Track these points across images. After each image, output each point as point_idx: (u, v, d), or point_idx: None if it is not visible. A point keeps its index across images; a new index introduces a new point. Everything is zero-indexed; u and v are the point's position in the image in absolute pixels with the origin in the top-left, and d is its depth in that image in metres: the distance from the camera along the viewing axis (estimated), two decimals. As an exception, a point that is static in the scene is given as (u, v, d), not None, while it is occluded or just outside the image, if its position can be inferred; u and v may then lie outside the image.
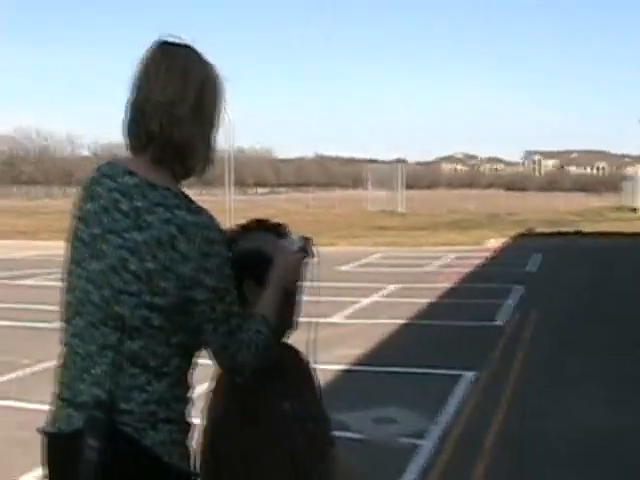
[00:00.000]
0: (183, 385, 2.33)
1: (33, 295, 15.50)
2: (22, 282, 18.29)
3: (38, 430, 2.33)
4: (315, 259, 2.51)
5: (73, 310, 2.31)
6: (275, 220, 2.62)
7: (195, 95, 2.27)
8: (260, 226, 2.56)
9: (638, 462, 6.51)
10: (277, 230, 2.57)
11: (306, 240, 2.49)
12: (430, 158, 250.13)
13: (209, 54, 2.38)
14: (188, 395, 2.36)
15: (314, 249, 2.52)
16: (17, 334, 11.80)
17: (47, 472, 2.32)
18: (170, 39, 2.33)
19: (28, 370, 9.25)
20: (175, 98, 2.25)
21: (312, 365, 2.70)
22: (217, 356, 2.31)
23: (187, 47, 2.33)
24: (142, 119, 2.27)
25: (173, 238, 2.18)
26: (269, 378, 2.46)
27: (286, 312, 2.47)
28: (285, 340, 2.57)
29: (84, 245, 2.27)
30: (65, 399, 2.28)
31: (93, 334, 2.24)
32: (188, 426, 2.36)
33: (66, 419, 2.25)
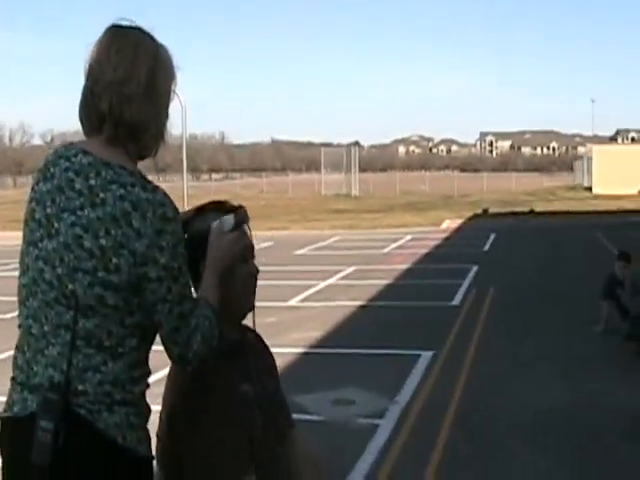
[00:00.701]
0: (140, 367, 2.30)
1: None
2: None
3: None
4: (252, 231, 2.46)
5: (27, 291, 2.29)
6: (233, 202, 2.59)
7: (146, 74, 2.28)
8: (218, 208, 2.52)
9: (586, 432, 6.64)
10: (236, 212, 2.54)
11: (237, 214, 2.43)
12: (386, 141, 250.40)
13: (162, 37, 2.38)
14: (146, 378, 2.34)
15: (247, 218, 2.46)
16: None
17: (2, 457, 2.30)
18: (122, 23, 2.34)
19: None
20: (125, 77, 2.25)
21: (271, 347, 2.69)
22: (168, 341, 2.27)
23: (138, 29, 2.34)
24: (92, 100, 2.28)
25: (127, 215, 2.18)
26: (229, 360, 2.44)
27: (230, 291, 2.44)
28: (245, 322, 2.55)
29: (39, 226, 2.26)
30: (20, 382, 2.26)
31: (47, 314, 2.23)
32: (147, 410, 2.34)
33: (21, 403, 2.23)
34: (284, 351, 8.51)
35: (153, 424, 2.36)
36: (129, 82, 2.26)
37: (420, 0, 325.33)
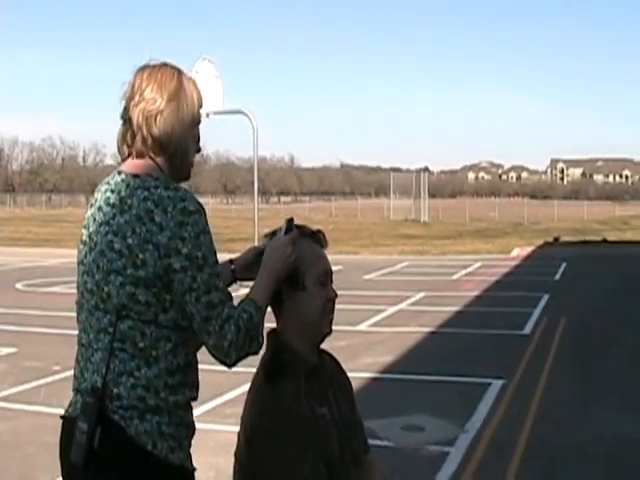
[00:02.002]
0: (178, 374, 2.39)
1: (63, 302, 15.59)
2: (51, 289, 18.43)
3: (60, 416, 2.49)
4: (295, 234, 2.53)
5: (79, 307, 2.50)
6: (313, 227, 2.65)
7: (169, 94, 2.49)
8: (298, 232, 2.58)
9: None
10: (314, 237, 2.59)
11: (287, 222, 2.54)
12: (456, 167, 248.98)
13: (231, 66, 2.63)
14: (185, 388, 2.42)
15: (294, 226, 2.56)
16: (49, 340, 11.89)
17: (59, 452, 2.48)
18: (149, 62, 2.58)
19: (58, 376, 9.32)
20: (150, 99, 2.48)
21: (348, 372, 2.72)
22: (201, 332, 2.36)
23: (163, 64, 2.57)
24: (126, 123, 2.51)
25: (150, 212, 2.33)
26: (308, 382, 2.48)
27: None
28: (322, 346, 2.59)
29: (84, 245, 2.48)
30: (75, 388, 2.46)
31: (91, 322, 2.41)
32: (189, 424, 2.45)
33: (74, 405, 2.43)
34: (354, 375, 8.41)
35: (218, 443, 2.41)
36: (154, 101, 2.46)
37: (487, 25, 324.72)
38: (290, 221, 2.54)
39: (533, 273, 21.48)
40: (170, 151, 2.49)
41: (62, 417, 2.47)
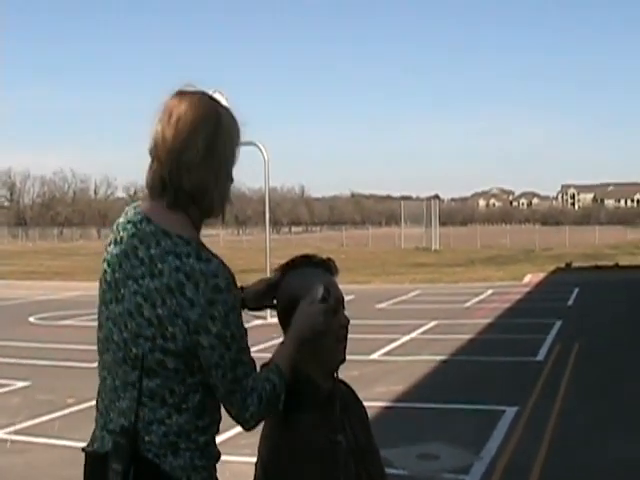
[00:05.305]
0: (207, 415, 2.39)
1: (76, 335, 15.65)
2: (64, 322, 18.49)
3: (82, 449, 2.47)
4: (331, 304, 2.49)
5: (102, 346, 2.46)
6: (323, 255, 2.67)
7: (205, 141, 2.36)
8: (308, 262, 2.61)
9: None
10: (325, 265, 2.61)
11: (326, 289, 2.48)
12: (466, 194, 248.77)
13: (238, 95, 2.45)
14: (213, 426, 2.42)
15: (332, 296, 2.50)
16: (62, 373, 11.94)
17: None
18: (186, 88, 2.43)
19: (72, 409, 9.35)
20: (184, 145, 2.34)
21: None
22: (224, 402, 2.37)
23: (201, 94, 2.42)
24: (156, 166, 2.40)
25: (181, 285, 2.28)
26: (323, 411, 2.50)
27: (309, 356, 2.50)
28: (337, 375, 2.61)
29: (109, 288, 2.41)
30: (100, 424, 2.43)
31: (117, 371, 2.38)
32: (216, 452, 2.44)
33: (100, 440, 2.40)
34: (368, 404, 8.43)
35: (233, 473, 2.43)
36: (188, 150, 2.34)
37: (498, 52, 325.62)
38: (327, 289, 2.49)
39: (545, 299, 21.44)
40: (205, 204, 2.41)
41: (86, 452, 2.44)
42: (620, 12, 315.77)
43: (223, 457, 2.48)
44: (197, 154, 2.34)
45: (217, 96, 2.51)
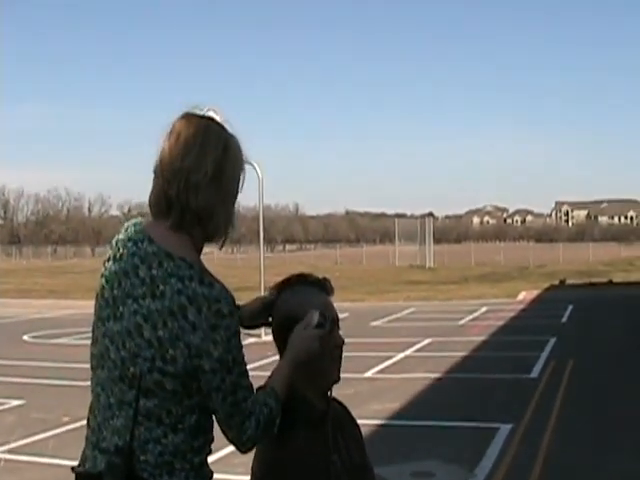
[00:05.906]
0: (202, 435, 2.40)
1: (70, 354, 15.64)
2: (59, 341, 18.47)
3: (72, 469, 2.45)
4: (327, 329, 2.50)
5: (96, 362, 2.44)
6: (318, 275, 2.69)
7: (213, 163, 2.36)
8: (304, 280, 2.62)
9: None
10: (320, 284, 2.63)
11: (321, 315, 2.49)
12: (460, 212, 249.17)
13: (235, 119, 2.48)
14: (207, 446, 2.43)
15: (329, 321, 2.51)
16: (57, 392, 11.93)
17: None
18: (195, 110, 2.45)
19: (66, 428, 9.34)
20: (193, 166, 2.34)
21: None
22: (223, 424, 2.37)
23: (209, 119, 2.44)
24: (162, 185, 2.39)
25: (184, 308, 2.28)
26: (318, 430, 2.50)
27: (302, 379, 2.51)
28: (330, 394, 2.62)
29: (107, 305, 2.40)
30: (92, 443, 2.40)
31: (112, 388, 2.37)
32: (209, 472, 2.44)
33: (92, 460, 2.38)
34: (363, 422, 8.44)
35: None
36: (196, 171, 2.34)
37: (492, 70, 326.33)
38: (324, 315, 2.49)
39: (540, 316, 21.47)
40: (211, 226, 2.41)
41: (77, 472, 2.42)
42: (615, 26, 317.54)
43: (217, 476, 2.49)
44: (206, 176, 2.35)
45: (211, 114, 2.51)
